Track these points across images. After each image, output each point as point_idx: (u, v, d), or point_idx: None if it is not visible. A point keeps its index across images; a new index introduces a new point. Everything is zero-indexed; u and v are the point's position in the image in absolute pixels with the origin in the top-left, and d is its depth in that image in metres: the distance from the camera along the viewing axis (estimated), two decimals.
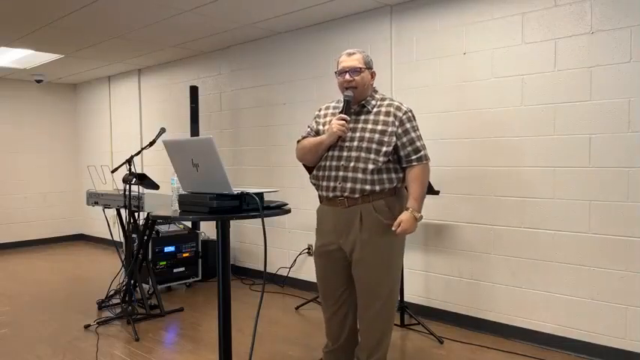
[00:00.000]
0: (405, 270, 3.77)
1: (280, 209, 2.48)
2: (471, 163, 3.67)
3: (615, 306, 3.08)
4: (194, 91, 5.55)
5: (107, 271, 5.47)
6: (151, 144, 4.07)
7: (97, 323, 3.89)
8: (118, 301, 4.25)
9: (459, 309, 3.79)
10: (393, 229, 2.38)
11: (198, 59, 5.91)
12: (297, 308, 4.30)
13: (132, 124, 6.94)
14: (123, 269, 4.43)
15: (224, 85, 5.63)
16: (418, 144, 2.47)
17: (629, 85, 2.99)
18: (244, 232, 5.47)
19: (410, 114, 2.49)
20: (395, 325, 3.75)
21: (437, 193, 3.54)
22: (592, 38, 3.11)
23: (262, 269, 5.14)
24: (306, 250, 4.80)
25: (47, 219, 7.78)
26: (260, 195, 2.30)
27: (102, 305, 4.33)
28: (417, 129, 2.50)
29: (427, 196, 3.61)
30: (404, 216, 2.39)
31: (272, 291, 4.83)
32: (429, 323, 3.71)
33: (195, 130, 5.49)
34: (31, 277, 5.63)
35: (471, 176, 3.67)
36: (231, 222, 2.57)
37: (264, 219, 2.32)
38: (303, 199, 4.40)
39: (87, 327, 3.85)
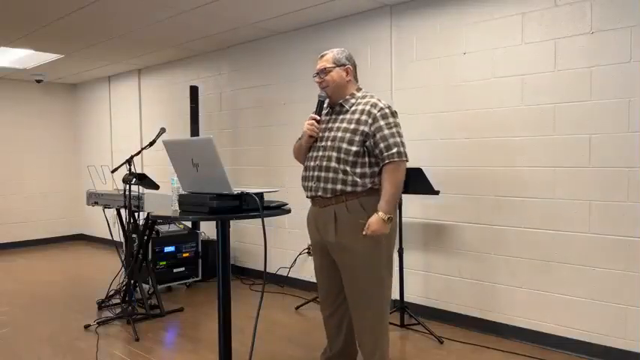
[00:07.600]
0: (405, 270, 3.77)
1: (280, 209, 2.49)
2: (471, 163, 3.67)
3: (615, 306, 3.08)
4: (194, 91, 5.56)
5: (107, 271, 5.47)
6: (151, 144, 4.07)
7: (97, 323, 3.89)
8: (118, 301, 4.26)
9: (459, 309, 3.79)
10: (364, 233, 2.32)
11: (198, 59, 5.91)
12: (297, 308, 4.30)
13: (132, 124, 6.93)
14: (123, 269, 4.43)
15: (224, 85, 5.63)
16: (391, 141, 2.33)
17: (629, 85, 2.98)
18: (244, 232, 5.47)
19: (386, 110, 2.37)
20: (395, 325, 3.75)
21: (437, 193, 3.54)
22: (592, 38, 3.11)
23: (262, 269, 5.14)
24: (306, 250, 4.79)
25: (47, 219, 7.78)
26: (260, 195, 2.31)
27: (102, 305, 4.33)
28: (394, 126, 2.36)
29: (427, 196, 3.67)
30: (372, 218, 2.33)
31: (272, 291, 4.82)
32: (429, 323, 3.70)
33: (195, 130, 5.50)
34: (31, 277, 5.63)
35: (471, 176, 3.67)
36: (231, 222, 2.58)
37: (264, 219, 2.32)
38: (303, 199, 4.36)
39: (87, 327, 3.85)
